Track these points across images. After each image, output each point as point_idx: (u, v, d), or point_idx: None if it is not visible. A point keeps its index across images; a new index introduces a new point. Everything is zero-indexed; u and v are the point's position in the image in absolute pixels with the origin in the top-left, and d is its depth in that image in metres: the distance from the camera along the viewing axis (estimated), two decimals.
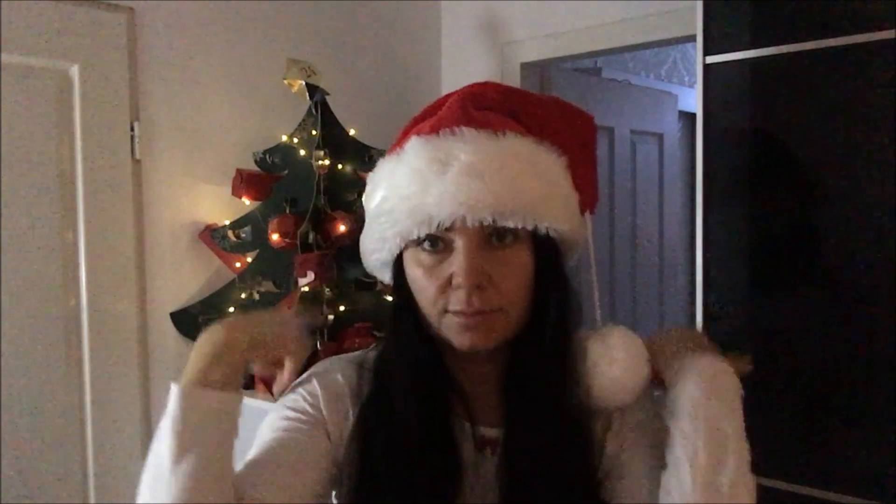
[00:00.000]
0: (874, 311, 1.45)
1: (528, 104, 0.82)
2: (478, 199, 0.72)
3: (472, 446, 0.81)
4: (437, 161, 0.74)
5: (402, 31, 2.60)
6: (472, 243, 0.74)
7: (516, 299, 0.76)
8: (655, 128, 3.00)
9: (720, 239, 1.62)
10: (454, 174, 0.73)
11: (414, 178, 0.75)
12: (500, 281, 0.74)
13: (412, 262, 0.78)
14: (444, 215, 0.73)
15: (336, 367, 0.88)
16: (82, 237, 1.82)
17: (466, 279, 0.73)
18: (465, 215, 0.72)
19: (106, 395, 1.87)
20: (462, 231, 0.74)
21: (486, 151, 0.74)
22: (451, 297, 0.75)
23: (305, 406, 0.84)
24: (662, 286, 3.07)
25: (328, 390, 0.84)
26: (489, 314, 0.75)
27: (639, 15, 2.22)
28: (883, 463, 1.43)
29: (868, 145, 1.44)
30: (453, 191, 0.72)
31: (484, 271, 0.74)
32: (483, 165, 0.73)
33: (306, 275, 1.85)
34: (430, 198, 0.73)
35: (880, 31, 1.40)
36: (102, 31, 1.84)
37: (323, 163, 1.92)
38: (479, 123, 0.76)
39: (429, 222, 0.73)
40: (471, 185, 0.72)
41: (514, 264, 0.75)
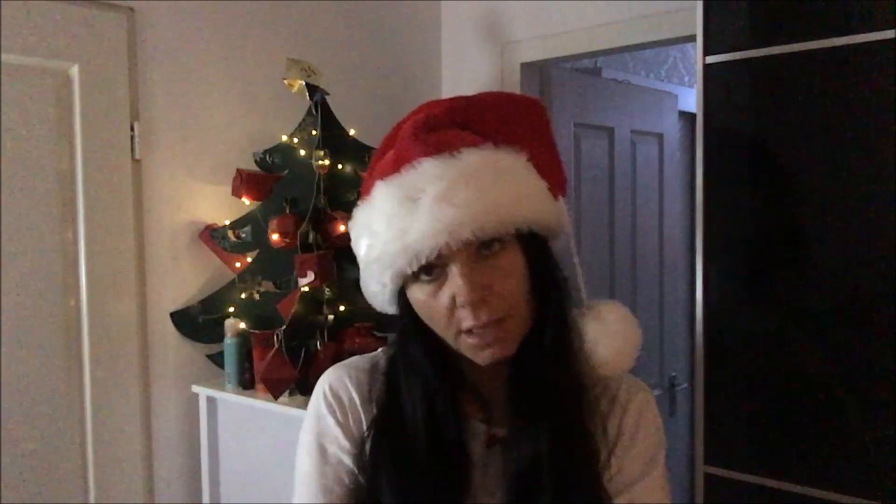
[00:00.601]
0: (874, 311, 1.45)
1: (475, 111, 0.84)
2: (453, 223, 0.74)
3: (483, 444, 0.84)
4: (407, 199, 0.77)
5: (402, 31, 2.60)
6: (464, 262, 0.76)
7: (520, 300, 0.78)
8: (655, 128, 3.00)
9: (720, 239, 1.62)
10: (425, 208, 0.75)
11: (390, 224, 0.78)
12: (501, 288, 0.77)
13: (416, 295, 0.80)
14: (427, 248, 0.75)
15: (345, 375, 0.91)
16: (82, 237, 1.82)
17: (468, 296, 0.75)
18: (447, 242, 0.74)
19: (106, 395, 1.87)
20: (452, 256, 0.76)
21: (449, 177, 0.76)
22: (460, 316, 0.77)
23: (335, 452, 0.88)
24: (662, 286, 3.07)
25: (341, 408, 0.89)
26: (500, 323, 0.77)
27: (639, 15, 2.22)
28: (883, 463, 1.43)
29: (867, 145, 1.44)
30: (429, 222, 0.75)
31: (483, 284, 0.76)
32: (450, 192, 0.75)
33: (306, 275, 1.85)
34: (411, 236, 0.76)
35: (880, 31, 1.40)
36: (102, 31, 1.84)
37: (323, 163, 1.92)
38: (435, 148, 0.78)
39: (417, 258, 0.76)
40: (444, 212, 0.74)
41: (508, 269, 0.78)
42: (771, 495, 1.55)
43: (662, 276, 3.06)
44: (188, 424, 2.04)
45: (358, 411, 0.88)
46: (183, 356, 2.03)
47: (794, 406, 1.54)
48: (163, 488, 2.00)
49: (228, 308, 2.01)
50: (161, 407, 1.99)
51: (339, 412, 0.88)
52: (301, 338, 1.87)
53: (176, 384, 2.02)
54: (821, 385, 1.51)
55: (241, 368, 1.94)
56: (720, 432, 1.64)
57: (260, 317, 1.98)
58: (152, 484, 1.98)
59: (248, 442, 1.93)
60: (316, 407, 0.90)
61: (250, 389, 1.93)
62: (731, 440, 1.63)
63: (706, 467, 1.65)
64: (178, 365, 2.03)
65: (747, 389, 1.62)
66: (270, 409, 1.83)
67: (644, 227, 2.94)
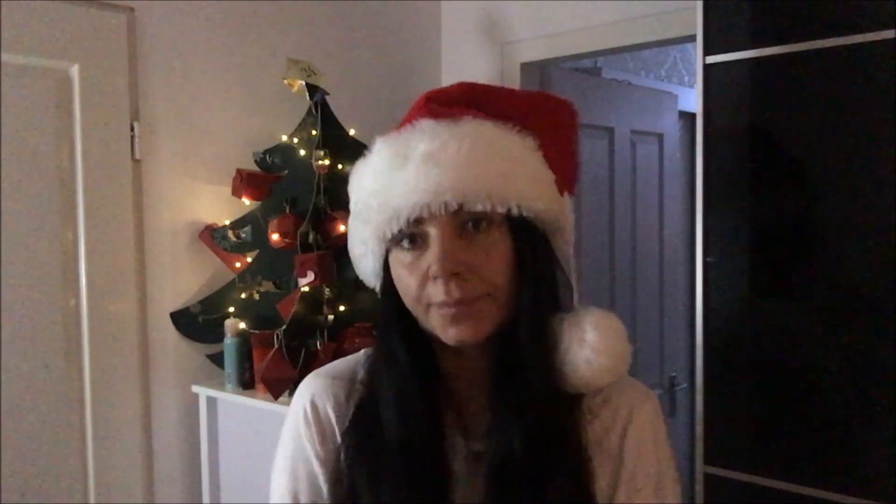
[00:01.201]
0: (874, 311, 1.45)
1: (491, 95, 0.82)
2: (438, 183, 0.72)
3: (464, 459, 0.80)
4: (399, 155, 0.75)
5: (402, 31, 2.60)
6: (445, 232, 0.73)
7: (500, 283, 0.75)
8: (655, 128, 3.00)
9: (720, 239, 1.62)
10: (414, 164, 0.73)
11: (378, 176, 0.77)
12: (480, 267, 0.73)
13: (395, 264, 0.78)
14: (409, 206, 0.72)
15: (323, 390, 0.86)
16: (82, 237, 1.82)
17: (441, 268, 0.72)
18: (428, 203, 0.72)
19: (106, 395, 1.87)
20: (434, 222, 0.73)
21: (443, 137, 0.74)
22: (430, 290, 0.74)
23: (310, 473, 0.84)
24: (662, 286, 3.07)
25: (318, 426, 0.85)
26: (474, 303, 0.73)
27: (639, 15, 2.22)
28: (883, 463, 1.43)
29: (868, 145, 1.44)
30: (414, 181, 0.73)
31: (461, 260, 0.73)
32: (441, 152, 0.73)
33: (306, 275, 1.85)
34: (395, 191, 0.74)
35: (880, 31, 1.40)
36: (102, 31, 1.84)
37: (323, 163, 1.92)
38: (439, 115, 0.77)
39: (396, 217, 0.73)
40: (429, 172, 0.72)
41: (491, 249, 0.74)
42: (771, 495, 1.55)
43: (662, 276, 3.06)
44: (188, 424, 2.04)
45: (334, 428, 0.83)
46: (183, 356, 2.03)
47: (794, 406, 1.54)
48: (163, 488, 2.00)
49: (228, 308, 2.01)
50: (161, 407, 1.99)
51: (315, 431, 0.84)
52: (301, 338, 1.87)
53: (176, 384, 2.02)
54: (821, 385, 1.51)
55: (241, 368, 1.94)
56: (720, 432, 1.64)
57: (260, 317, 1.98)
58: (152, 484, 1.98)
59: (248, 442, 1.93)
60: (293, 425, 0.86)
61: (250, 389, 1.93)
62: (731, 440, 1.63)
63: (706, 467, 1.65)
64: (178, 365, 2.03)
65: (747, 389, 1.62)
66: (270, 409, 1.83)
67: (644, 227, 2.94)
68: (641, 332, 2.94)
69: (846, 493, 1.46)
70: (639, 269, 2.92)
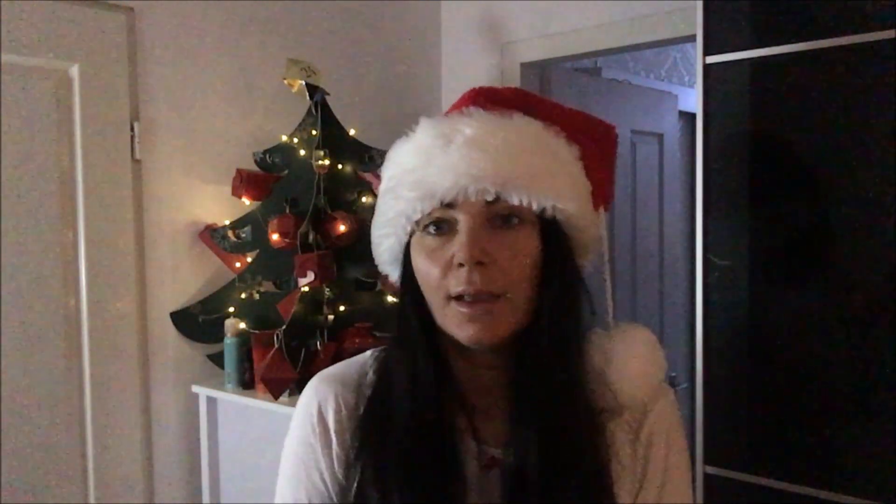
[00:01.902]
0: (874, 311, 1.45)
1: (542, 103, 0.82)
2: (480, 168, 0.71)
3: (477, 465, 0.78)
4: (442, 136, 0.74)
5: (402, 31, 2.60)
6: (475, 221, 0.72)
7: (520, 283, 0.73)
8: (655, 128, 3.00)
9: (720, 239, 1.62)
10: (457, 146, 0.72)
11: (418, 154, 0.75)
12: (504, 262, 0.72)
13: (417, 249, 0.76)
14: (445, 187, 0.71)
15: (330, 395, 0.83)
16: (82, 237, 1.82)
17: (468, 254, 0.70)
18: (466, 187, 0.71)
19: (106, 395, 1.87)
20: (465, 208, 0.72)
21: (491, 126, 0.74)
22: (451, 279, 0.72)
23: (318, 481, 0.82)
24: (662, 286, 3.07)
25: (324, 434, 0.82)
26: (492, 302, 0.72)
27: (639, 15, 2.22)
28: (883, 463, 1.43)
29: (868, 145, 1.44)
30: (455, 162, 0.72)
31: (487, 251, 0.71)
32: (487, 138, 0.72)
33: (306, 275, 1.85)
34: (433, 170, 0.72)
35: (880, 31, 1.40)
36: (102, 31, 1.84)
37: (323, 163, 1.92)
38: (488, 106, 0.77)
39: (431, 197, 0.72)
40: (472, 156, 0.71)
41: (518, 246, 0.73)
42: (771, 495, 1.55)
43: (662, 276, 3.06)
44: (188, 424, 2.04)
45: (342, 434, 0.81)
46: (183, 356, 2.03)
47: (795, 406, 1.54)
48: (163, 488, 2.00)
49: (228, 308, 2.01)
50: (161, 407, 1.99)
51: (322, 437, 0.82)
52: (301, 338, 1.87)
53: (176, 384, 2.02)
54: (821, 385, 1.51)
55: (241, 368, 1.94)
56: (720, 432, 1.64)
57: (260, 317, 1.98)
58: (152, 484, 1.98)
59: (248, 442, 1.93)
60: (300, 431, 0.84)
61: (250, 389, 1.93)
62: (731, 440, 1.63)
63: (706, 467, 1.65)
64: (178, 365, 2.03)
65: (747, 389, 1.62)
66: (270, 409, 1.83)
67: (644, 227, 2.94)
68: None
69: (846, 493, 1.46)
70: (639, 269, 2.92)
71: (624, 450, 0.80)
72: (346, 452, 0.80)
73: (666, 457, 0.82)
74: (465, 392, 0.80)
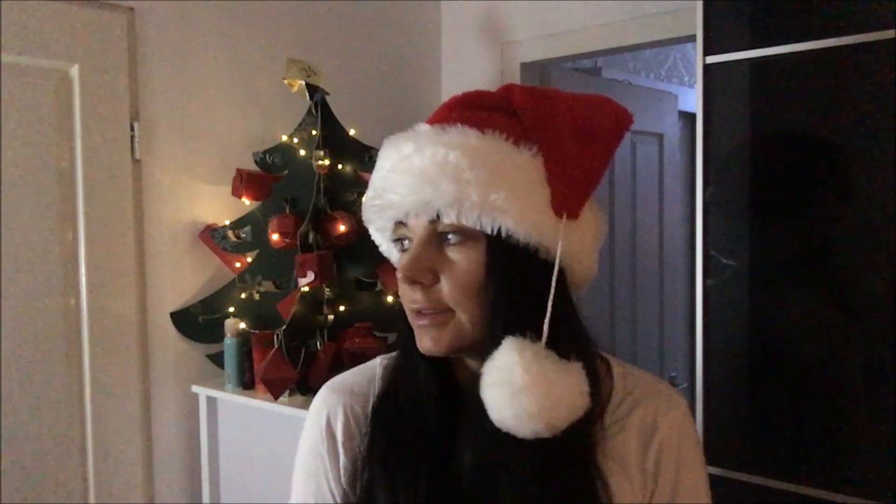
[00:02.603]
0: (874, 311, 1.45)
1: (535, 100, 0.76)
2: (413, 191, 0.73)
3: (479, 471, 0.77)
4: (391, 158, 0.77)
5: (402, 31, 2.60)
6: (420, 239, 0.74)
7: (463, 301, 0.73)
8: (655, 128, 3.00)
9: (720, 239, 1.62)
10: (397, 168, 0.75)
11: (376, 175, 0.79)
12: (445, 279, 0.74)
13: (395, 262, 0.81)
14: (395, 209, 0.75)
15: (338, 403, 0.85)
16: (82, 237, 1.82)
17: (404, 275, 0.74)
18: (409, 209, 0.74)
19: (106, 395, 1.87)
20: (414, 227, 0.75)
21: (429, 143, 0.74)
22: (406, 293, 0.76)
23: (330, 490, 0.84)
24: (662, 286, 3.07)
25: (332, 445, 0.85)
26: (437, 315, 0.74)
27: (639, 15, 2.22)
28: (883, 463, 1.43)
29: (868, 145, 1.44)
30: (392, 185, 0.75)
31: (427, 269, 0.74)
32: (416, 158, 0.74)
33: (306, 275, 1.85)
34: (387, 192, 0.76)
35: (880, 31, 1.40)
36: (102, 31, 1.84)
37: (323, 163, 1.92)
38: (443, 119, 0.77)
39: (386, 216, 0.77)
40: (407, 179, 0.73)
41: (460, 264, 0.73)
42: (771, 495, 1.55)
43: (662, 276, 3.06)
44: (188, 424, 2.04)
45: (351, 444, 0.83)
46: (183, 356, 2.03)
47: (795, 406, 1.54)
48: (163, 488, 2.00)
49: (228, 308, 2.01)
50: (161, 407, 1.99)
51: (331, 449, 0.84)
52: (301, 338, 1.87)
53: (176, 384, 2.02)
54: (821, 385, 1.51)
55: (241, 368, 1.94)
56: (720, 432, 1.64)
57: (260, 317, 1.98)
58: (152, 484, 1.98)
59: (248, 442, 1.93)
60: (310, 442, 0.86)
61: (250, 389, 1.93)
62: (731, 440, 1.63)
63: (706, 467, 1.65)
64: (178, 365, 2.03)
65: (747, 389, 1.62)
66: (270, 409, 1.82)
67: (644, 227, 2.94)
68: (641, 332, 2.94)
69: (846, 493, 1.46)
70: (639, 269, 2.92)
71: (631, 461, 0.78)
72: (354, 463, 0.82)
73: (675, 481, 0.80)
74: (466, 395, 0.79)
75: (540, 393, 0.68)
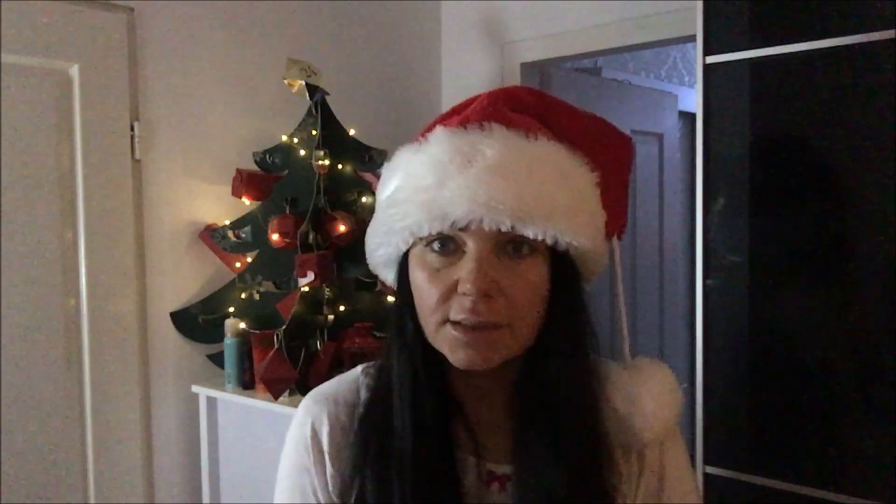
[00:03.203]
0: (874, 310, 1.45)
1: (561, 112, 0.78)
2: (500, 200, 0.66)
3: (476, 480, 0.76)
4: (461, 154, 0.69)
5: (402, 31, 2.60)
6: (484, 248, 0.68)
7: (526, 315, 0.70)
8: (655, 128, 3.00)
9: (720, 239, 1.62)
10: (477, 170, 0.67)
11: (433, 170, 0.69)
12: (512, 293, 0.68)
13: (417, 263, 0.72)
14: (460, 213, 0.67)
15: (322, 412, 0.81)
16: (82, 237, 1.82)
17: (474, 285, 0.66)
18: (482, 216, 0.66)
19: (106, 395, 1.87)
20: (476, 234, 0.68)
21: (515, 151, 0.69)
22: (453, 304, 0.68)
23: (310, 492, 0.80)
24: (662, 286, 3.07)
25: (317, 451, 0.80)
26: (492, 330, 0.68)
27: (639, 15, 2.22)
28: (883, 463, 1.43)
29: (868, 145, 1.44)
30: (474, 188, 0.66)
31: (494, 280, 0.67)
32: (510, 165, 0.68)
33: (306, 275, 1.85)
34: (448, 192, 0.67)
35: (880, 31, 1.40)
36: (102, 31, 1.84)
37: (323, 163, 1.92)
38: (510, 122, 0.72)
39: (442, 219, 0.67)
40: (494, 184, 0.66)
41: (528, 278, 0.69)
42: (771, 495, 1.55)
43: (662, 275, 3.06)
44: (188, 424, 2.04)
45: (336, 454, 0.79)
46: (183, 356, 2.03)
47: (794, 406, 1.54)
48: (163, 488, 2.00)
49: (228, 308, 2.01)
50: (161, 407, 1.99)
51: (316, 458, 0.79)
52: (301, 338, 1.87)
53: (176, 384, 2.02)
54: (821, 385, 1.51)
55: (241, 368, 1.94)
56: (720, 432, 1.64)
57: (260, 317, 1.98)
58: (152, 484, 1.98)
59: (248, 442, 1.93)
60: (293, 454, 0.82)
61: (250, 389, 1.93)
62: (731, 440, 1.63)
63: (706, 467, 1.65)
64: (178, 365, 2.03)
65: (747, 389, 1.62)
66: (270, 409, 1.83)
67: (644, 227, 2.94)
68: (641, 331, 2.94)
69: (846, 493, 1.46)
70: (639, 269, 2.92)
71: (630, 488, 0.78)
72: (341, 472, 0.78)
73: (661, 477, 0.80)
74: (464, 404, 0.78)
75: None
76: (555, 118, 0.76)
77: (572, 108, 0.80)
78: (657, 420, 0.75)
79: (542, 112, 0.76)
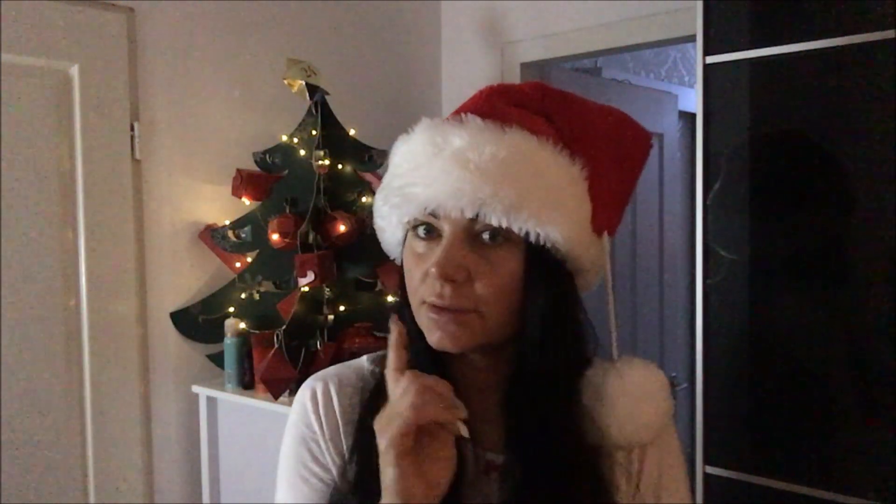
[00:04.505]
0: (874, 310, 1.45)
1: (569, 108, 0.78)
2: (459, 187, 0.69)
3: (475, 468, 0.77)
4: (433, 144, 0.72)
5: (402, 31, 2.60)
6: (456, 235, 0.71)
7: (494, 303, 0.71)
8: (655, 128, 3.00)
9: (720, 239, 1.62)
10: (443, 158, 0.71)
11: (408, 158, 0.75)
12: (480, 280, 0.70)
13: (408, 248, 0.76)
14: (426, 199, 0.71)
15: (331, 388, 0.83)
16: (82, 237, 1.82)
17: (439, 270, 0.69)
18: (445, 203, 0.69)
19: (106, 395, 1.87)
20: (449, 220, 0.71)
21: (481, 139, 0.71)
22: (427, 286, 0.72)
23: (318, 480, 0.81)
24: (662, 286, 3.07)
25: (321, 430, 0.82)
26: (461, 314, 0.71)
27: (639, 15, 2.22)
28: (883, 463, 1.43)
29: (868, 145, 1.44)
30: (437, 175, 0.70)
31: (462, 266, 0.70)
32: (472, 153, 0.70)
33: (306, 275, 1.85)
34: (419, 179, 0.72)
35: (880, 31, 1.40)
36: (102, 31, 1.84)
37: (323, 163, 1.92)
38: (491, 113, 0.73)
39: (415, 205, 0.72)
40: (454, 172, 0.69)
41: (497, 266, 0.71)
42: (771, 495, 1.55)
43: (662, 276, 3.06)
44: (188, 424, 2.04)
45: (335, 429, 0.81)
46: (183, 356, 2.03)
47: (795, 406, 1.54)
48: (163, 488, 2.00)
49: (228, 308, 2.01)
50: (161, 407, 1.99)
51: (319, 429, 0.81)
52: (301, 338, 1.87)
53: (176, 384, 2.02)
54: (821, 385, 1.51)
55: (241, 368, 1.94)
56: (720, 432, 1.64)
57: (260, 317, 1.98)
58: (152, 484, 1.98)
59: (248, 442, 1.93)
60: (296, 429, 0.83)
61: (250, 389, 1.93)
62: (731, 440, 1.63)
63: (706, 467, 1.65)
64: (178, 365, 2.03)
65: (747, 389, 1.62)
66: (270, 409, 1.83)
67: (644, 227, 2.94)
68: (641, 332, 2.94)
69: (846, 493, 1.46)
70: (639, 269, 2.92)
71: (630, 486, 0.79)
72: (339, 451, 0.80)
73: (658, 477, 0.80)
74: (460, 392, 0.77)
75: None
76: (559, 112, 0.77)
77: (584, 103, 0.80)
78: (631, 421, 0.74)
79: (545, 107, 0.77)
